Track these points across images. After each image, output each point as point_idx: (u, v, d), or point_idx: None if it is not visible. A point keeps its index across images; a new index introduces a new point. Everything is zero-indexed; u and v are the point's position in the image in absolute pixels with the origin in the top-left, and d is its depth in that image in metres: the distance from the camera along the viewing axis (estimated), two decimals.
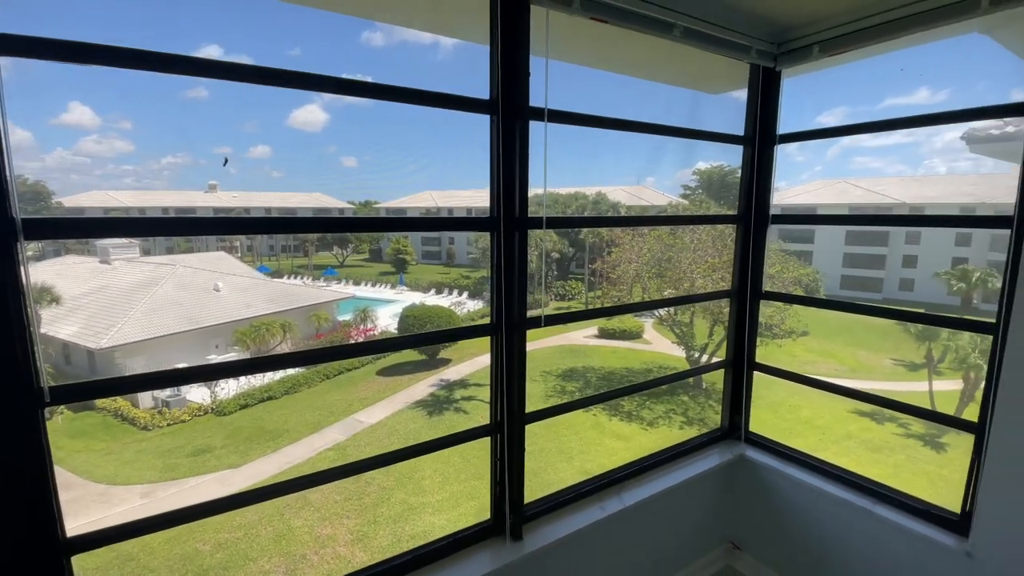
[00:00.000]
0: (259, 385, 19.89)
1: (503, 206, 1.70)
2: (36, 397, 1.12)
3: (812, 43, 2.17)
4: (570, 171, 72.18)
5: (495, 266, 1.76)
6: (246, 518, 12.41)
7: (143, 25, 65.71)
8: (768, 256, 11.88)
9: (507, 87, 1.66)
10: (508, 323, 1.78)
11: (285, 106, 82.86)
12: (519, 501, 1.95)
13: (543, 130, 1.79)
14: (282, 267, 52.40)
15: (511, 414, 1.86)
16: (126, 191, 60.60)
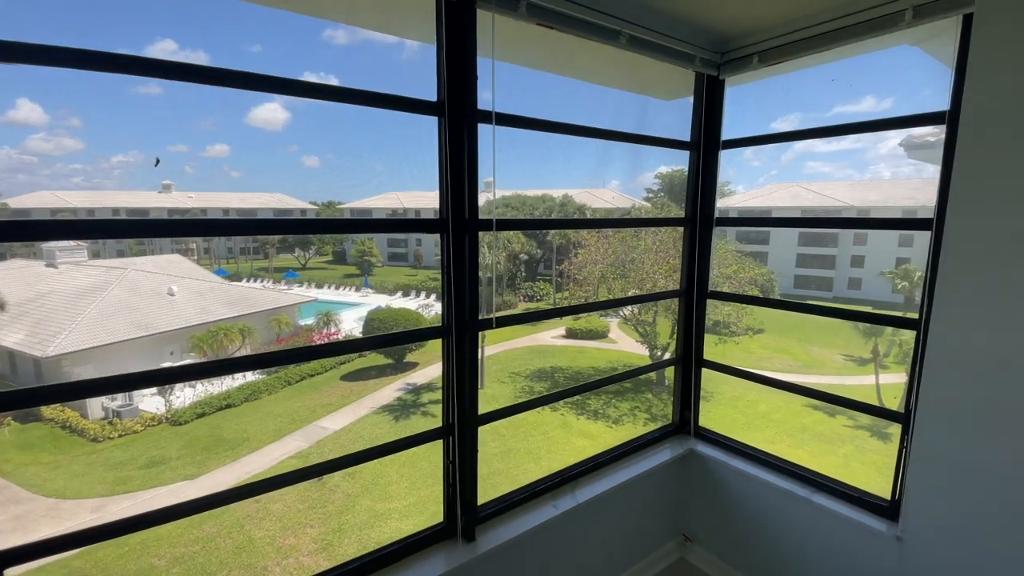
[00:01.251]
0: (217, 392, 19.16)
1: (452, 208, 1.71)
2: None
3: (752, 53, 2.27)
4: (533, 175, 72.70)
5: (445, 268, 1.76)
6: (204, 531, 11.94)
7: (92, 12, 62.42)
8: (725, 257, 12.55)
9: (454, 89, 1.67)
10: (459, 325, 1.79)
11: (244, 104, 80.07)
12: (472, 502, 1.96)
13: (503, 132, 1.81)
14: (241, 270, 50.59)
15: (462, 416, 1.87)
16: (75, 191, 57.12)
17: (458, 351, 1.81)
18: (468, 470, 1.92)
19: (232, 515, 12.37)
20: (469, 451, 1.90)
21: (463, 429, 1.87)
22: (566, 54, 2.20)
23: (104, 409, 17.45)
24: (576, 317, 30.01)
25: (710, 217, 2.62)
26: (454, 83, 1.66)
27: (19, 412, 16.78)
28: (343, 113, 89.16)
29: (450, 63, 1.64)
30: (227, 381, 19.97)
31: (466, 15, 1.64)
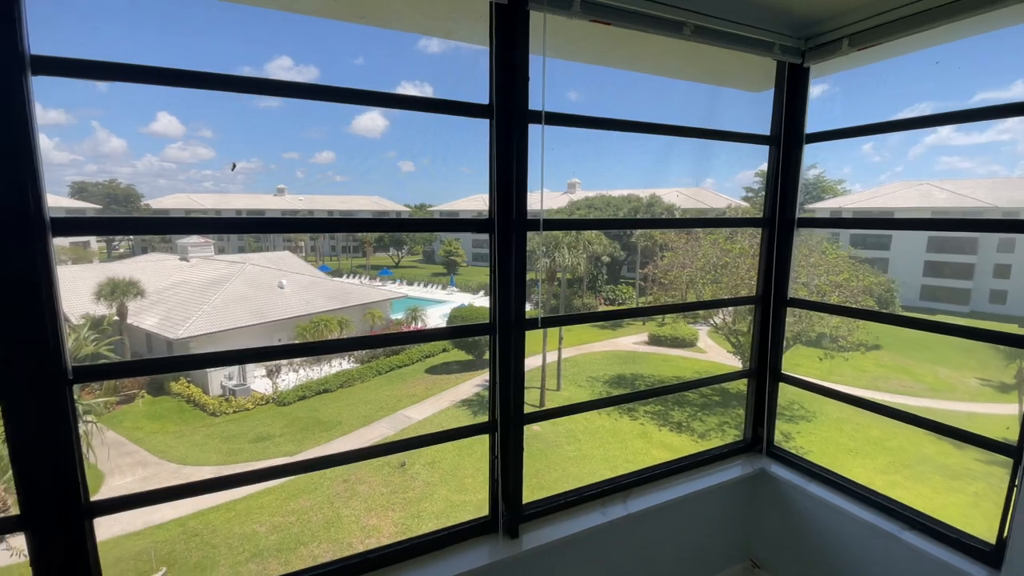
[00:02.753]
0: (316, 378, 20.96)
1: (500, 208, 1.73)
2: (62, 376, 1.28)
3: (841, 36, 2.05)
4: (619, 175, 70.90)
5: (492, 267, 1.79)
6: (299, 504, 13.11)
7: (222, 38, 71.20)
8: (836, 263, 11.39)
9: (505, 91, 1.69)
10: (504, 323, 1.81)
11: (349, 113, 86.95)
12: (516, 499, 1.97)
13: (582, 132, 1.81)
14: (342, 267, 54.98)
15: (507, 413, 1.88)
16: (205, 194, 65.82)
17: (503, 349, 1.83)
18: (512, 466, 1.93)
19: (323, 492, 13.47)
20: (514, 448, 1.92)
21: (507, 426, 1.89)
22: (626, 48, 2.13)
23: (222, 387, 19.86)
24: (660, 323, 28.83)
25: (791, 218, 2.40)
26: (504, 85, 1.68)
27: (152, 386, 19.64)
28: (435, 119, 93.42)
29: (500, 65, 1.67)
30: (325, 368, 21.80)
31: (517, 17, 1.65)
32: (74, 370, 1.30)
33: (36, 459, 1.29)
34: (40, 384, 1.26)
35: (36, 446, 1.29)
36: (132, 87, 60.59)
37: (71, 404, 1.33)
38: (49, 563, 1.36)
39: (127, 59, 1.30)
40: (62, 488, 1.32)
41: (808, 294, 17.07)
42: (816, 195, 45.96)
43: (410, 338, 2.02)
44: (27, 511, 1.32)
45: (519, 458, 1.95)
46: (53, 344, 1.27)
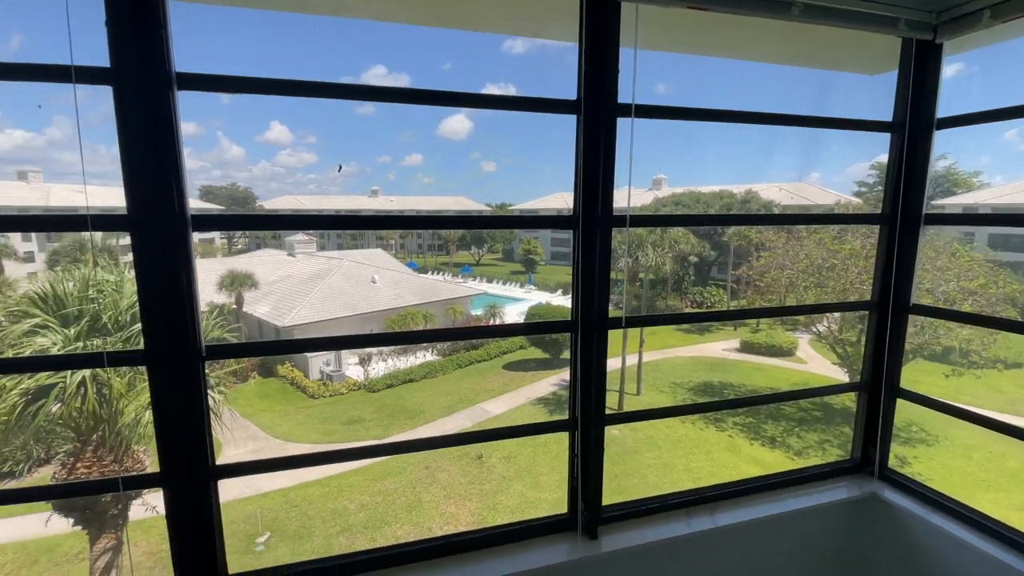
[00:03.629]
0: (403, 368, 22.15)
1: (585, 205, 1.71)
2: (197, 352, 1.47)
3: (981, 7, 1.77)
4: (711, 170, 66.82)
5: (576, 264, 1.77)
6: (384, 486, 13.94)
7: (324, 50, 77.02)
8: (970, 267, 10.00)
9: (594, 86, 1.67)
10: (586, 322, 1.79)
11: (436, 117, 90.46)
12: (596, 500, 1.94)
13: (670, 126, 1.76)
14: (427, 264, 57.58)
15: (588, 412, 1.86)
16: (309, 195, 72.01)
17: (585, 347, 1.81)
18: (593, 466, 1.91)
19: (407, 477, 14.23)
20: (594, 447, 1.89)
21: (588, 425, 1.87)
22: (724, 33, 2.01)
23: (320, 372, 21.65)
24: (754, 329, 26.90)
25: (916, 215, 2.12)
26: (593, 80, 1.66)
27: (263, 368, 21.86)
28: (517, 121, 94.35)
29: (589, 60, 1.65)
30: (410, 359, 22.99)
31: (608, 10, 1.62)
32: (207, 348, 1.49)
33: (174, 424, 1.50)
34: (180, 359, 1.46)
35: (175, 413, 1.49)
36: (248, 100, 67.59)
37: (203, 378, 1.52)
38: (181, 517, 1.57)
39: (233, 71, 1.47)
40: (194, 451, 1.52)
41: (933, 301, 14.98)
42: (947, 189, 40.17)
43: (495, 332, 2.04)
44: (166, 469, 1.53)
45: (599, 458, 1.92)
46: (191, 325, 1.45)
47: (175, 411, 1.49)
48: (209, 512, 1.60)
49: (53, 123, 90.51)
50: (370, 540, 11.81)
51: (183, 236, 1.42)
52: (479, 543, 1.87)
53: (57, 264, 33.56)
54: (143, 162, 1.38)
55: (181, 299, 1.44)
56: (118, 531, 7.61)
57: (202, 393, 1.51)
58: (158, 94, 1.37)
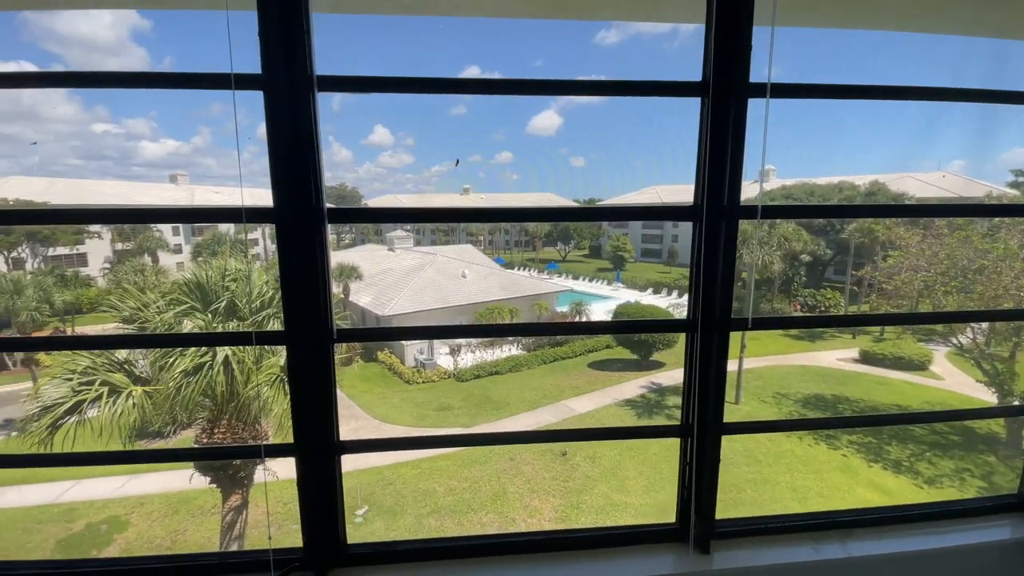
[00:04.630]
0: (489, 360, 22.72)
1: (708, 194, 1.59)
2: (329, 335, 1.58)
3: None
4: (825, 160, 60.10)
5: (696, 259, 1.66)
6: (471, 473, 14.39)
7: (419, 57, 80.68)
8: None
9: (723, 65, 1.54)
10: (706, 321, 1.66)
11: (526, 115, 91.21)
12: (709, 513, 1.81)
13: (784, 111, 1.59)
14: (514, 259, 58.42)
15: (704, 419, 1.74)
16: (406, 194, 76.31)
17: (704, 349, 1.69)
18: (707, 477, 1.78)
19: (492, 466, 14.57)
20: (709, 457, 1.76)
21: (704, 433, 1.74)
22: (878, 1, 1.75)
23: (415, 360, 22.87)
24: (877, 338, 23.98)
25: None
26: (723, 58, 1.53)
27: (365, 353, 23.56)
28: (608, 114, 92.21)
29: (719, 37, 1.52)
30: (496, 352, 23.51)
31: None
32: (337, 331, 1.59)
33: (308, 401, 1.62)
34: (314, 341, 1.58)
35: (308, 391, 1.62)
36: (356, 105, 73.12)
37: (332, 359, 1.64)
38: (309, 485, 1.70)
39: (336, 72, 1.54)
40: (322, 427, 1.64)
41: None
42: None
43: (599, 329, 1.96)
44: (298, 441, 1.67)
45: (715, 469, 1.78)
46: (324, 309, 1.57)
47: (308, 389, 1.62)
48: (333, 484, 1.73)
49: (198, 132, 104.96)
50: (457, 524, 12.27)
51: (319, 229, 1.53)
52: (584, 543, 1.83)
53: (199, 255, 38.96)
54: (287, 160, 1.50)
55: (316, 286, 1.56)
56: (244, 491, 8.66)
57: (331, 373, 1.63)
58: (301, 97, 1.49)
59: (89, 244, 41.08)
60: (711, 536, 1.82)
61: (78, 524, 12.34)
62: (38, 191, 40.96)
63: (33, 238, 36.04)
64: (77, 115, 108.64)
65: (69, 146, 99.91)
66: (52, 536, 11.96)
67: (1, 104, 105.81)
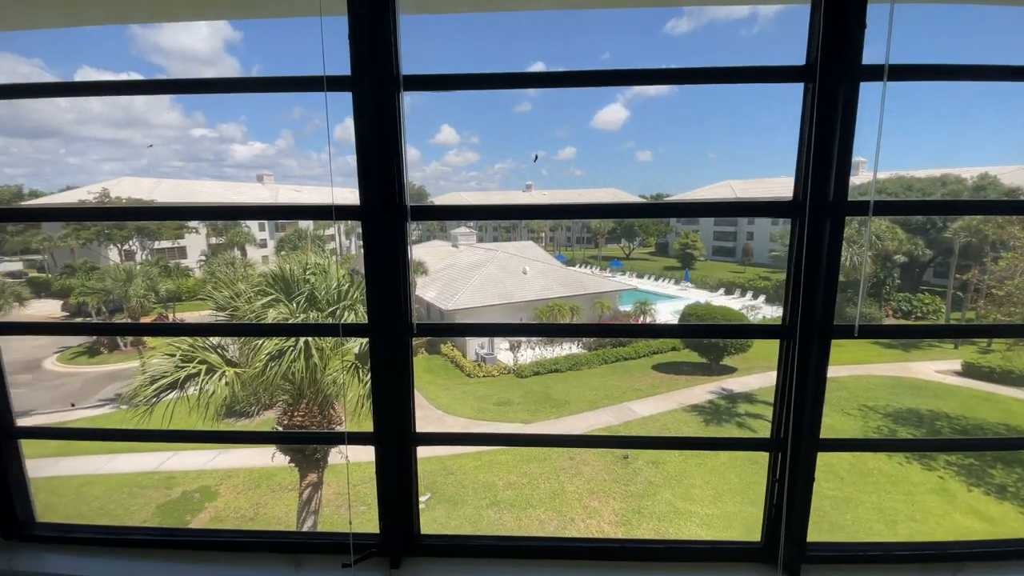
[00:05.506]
0: (549, 358, 22.65)
1: (812, 188, 1.46)
2: (409, 328, 1.61)
3: None
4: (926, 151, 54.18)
5: (794, 259, 1.52)
6: (530, 469, 14.43)
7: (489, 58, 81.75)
8: None
9: (831, 46, 1.40)
10: (806, 326, 1.53)
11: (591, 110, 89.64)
12: (799, 535, 1.67)
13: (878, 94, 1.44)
14: (575, 257, 57.84)
15: (799, 433, 1.60)
16: (470, 192, 77.62)
17: (801, 357, 1.55)
18: (800, 497, 1.64)
19: (552, 464, 14.53)
20: (803, 475, 1.62)
21: (798, 448, 1.61)
22: None
23: (476, 354, 23.27)
24: (984, 349, 21.39)
25: None
26: (832, 38, 1.39)
27: (429, 345, 24.26)
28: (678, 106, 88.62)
29: (828, 15, 1.38)
30: (556, 350, 23.39)
31: None
32: (417, 326, 1.63)
33: (388, 391, 1.67)
34: (395, 333, 1.62)
35: (388, 381, 1.66)
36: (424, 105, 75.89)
37: (411, 352, 1.67)
38: (387, 475, 1.76)
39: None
40: (400, 417, 1.68)
41: None
42: None
43: (677, 332, 1.85)
44: (378, 431, 1.72)
45: (808, 488, 1.64)
46: (404, 303, 1.60)
47: (388, 381, 1.67)
48: (409, 474, 1.77)
49: (281, 135, 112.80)
50: (516, 519, 12.36)
51: (402, 225, 1.57)
52: (658, 555, 1.75)
53: (282, 250, 41.90)
54: (373, 159, 1.54)
55: (398, 280, 1.60)
56: (320, 472, 9.23)
57: (410, 366, 1.67)
58: (388, 96, 1.52)
59: (188, 238, 45.47)
60: (802, 560, 1.68)
61: (175, 491, 13.71)
62: (146, 190, 45.89)
63: (142, 232, 40.39)
64: (179, 121, 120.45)
65: (172, 149, 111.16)
66: (153, 500, 13.37)
67: (115, 112, 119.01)
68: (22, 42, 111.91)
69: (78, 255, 38.02)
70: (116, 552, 1.88)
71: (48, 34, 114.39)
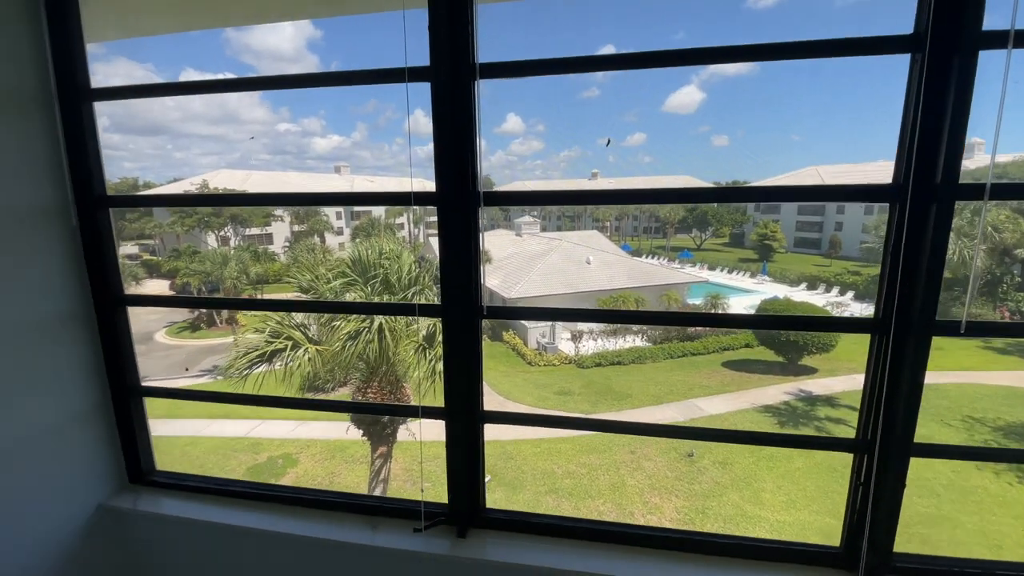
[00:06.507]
0: (611, 350, 22.30)
1: (916, 169, 1.33)
2: (479, 310, 1.67)
3: None
4: None
5: (891, 247, 1.41)
6: (590, 460, 14.38)
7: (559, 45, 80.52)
8: None
9: (945, 11, 1.26)
10: (902, 321, 1.41)
11: (663, 92, 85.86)
12: (885, 545, 1.56)
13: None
14: (642, 247, 56.17)
15: (890, 435, 1.49)
16: (534, 181, 77.43)
17: (896, 354, 1.44)
18: (887, 503, 1.53)
19: (611, 457, 14.38)
20: (893, 480, 1.51)
21: (888, 451, 1.50)
22: None
23: (537, 343, 23.38)
24: None
25: None
26: (947, 1, 1.26)
27: (491, 332, 24.65)
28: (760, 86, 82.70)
29: None
30: (619, 342, 22.96)
31: None
32: (487, 308, 1.68)
33: (459, 370, 1.75)
34: (466, 315, 1.69)
35: (459, 360, 1.74)
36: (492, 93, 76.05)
37: (480, 333, 1.73)
38: (456, 449, 1.84)
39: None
40: (470, 395, 1.76)
41: None
42: None
43: (754, 322, 1.73)
44: (448, 406, 1.81)
45: (897, 495, 1.53)
46: (475, 286, 1.66)
47: (459, 359, 1.74)
48: (476, 450, 1.84)
49: (356, 128, 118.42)
50: (574, 508, 12.40)
51: (475, 211, 1.62)
52: (724, 549, 1.71)
53: (356, 237, 44.27)
54: (449, 147, 1.60)
55: (470, 264, 1.66)
56: (389, 446, 9.77)
57: (479, 346, 1.73)
58: (464, 85, 1.57)
59: (274, 226, 49.21)
60: (887, 570, 1.57)
61: (262, 456, 15.07)
62: (239, 181, 50.07)
63: (235, 220, 44.21)
64: (266, 116, 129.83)
65: (261, 143, 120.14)
66: (244, 463, 14.79)
67: (213, 110, 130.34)
68: (136, 48, 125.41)
69: (183, 240, 42.38)
70: (218, 500, 2.12)
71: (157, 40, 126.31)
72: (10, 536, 1.79)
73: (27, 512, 1.85)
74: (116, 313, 2.06)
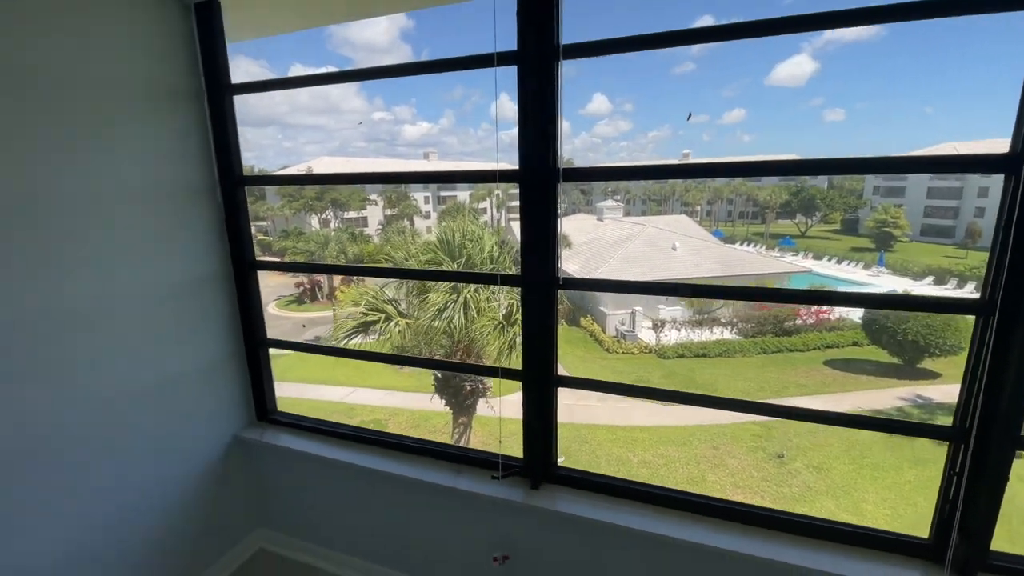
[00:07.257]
0: (696, 341, 21.38)
1: None
2: (556, 281, 1.79)
3: None
4: None
5: (1003, 223, 1.30)
6: (668, 451, 14.05)
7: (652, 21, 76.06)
8: None
9: None
10: (1012, 302, 1.31)
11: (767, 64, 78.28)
12: (980, 538, 1.47)
13: None
14: (736, 233, 52.50)
15: (989, 423, 1.39)
16: (619, 162, 74.94)
17: (1003, 339, 1.34)
18: (986, 496, 1.44)
19: (691, 450, 13.93)
20: (992, 473, 1.41)
21: (988, 441, 1.40)
22: None
23: (616, 330, 23.00)
24: None
25: None
26: None
27: (569, 317, 24.59)
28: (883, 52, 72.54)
29: None
30: (706, 334, 21.90)
31: None
32: (562, 279, 1.79)
33: (534, 336, 1.88)
34: (543, 285, 1.81)
35: (536, 327, 1.87)
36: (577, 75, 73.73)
37: (555, 303, 1.85)
38: (532, 408, 1.98)
39: None
40: (545, 360, 1.88)
41: None
42: None
43: (839, 300, 1.61)
44: (525, 369, 1.95)
45: (997, 487, 1.43)
46: (552, 258, 1.77)
47: (536, 325, 1.87)
48: (550, 411, 1.98)
49: (444, 115, 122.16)
50: None
51: (554, 186, 1.72)
52: (805, 529, 1.70)
53: (443, 221, 46.14)
54: (533, 125, 1.71)
55: (548, 237, 1.77)
56: (469, 416, 10.33)
57: (554, 315, 1.85)
58: (548, 66, 1.66)
59: (369, 209, 52.73)
60: (979, 567, 1.48)
61: (355, 420, 16.51)
62: (338, 167, 54.11)
63: (335, 204, 47.92)
64: (363, 106, 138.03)
65: (358, 132, 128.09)
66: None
67: (317, 101, 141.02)
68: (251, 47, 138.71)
69: (291, 222, 46.86)
70: (326, 439, 2.47)
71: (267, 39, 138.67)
72: (176, 447, 2.24)
73: (185, 433, 2.29)
74: (249, 276, 2.44)
